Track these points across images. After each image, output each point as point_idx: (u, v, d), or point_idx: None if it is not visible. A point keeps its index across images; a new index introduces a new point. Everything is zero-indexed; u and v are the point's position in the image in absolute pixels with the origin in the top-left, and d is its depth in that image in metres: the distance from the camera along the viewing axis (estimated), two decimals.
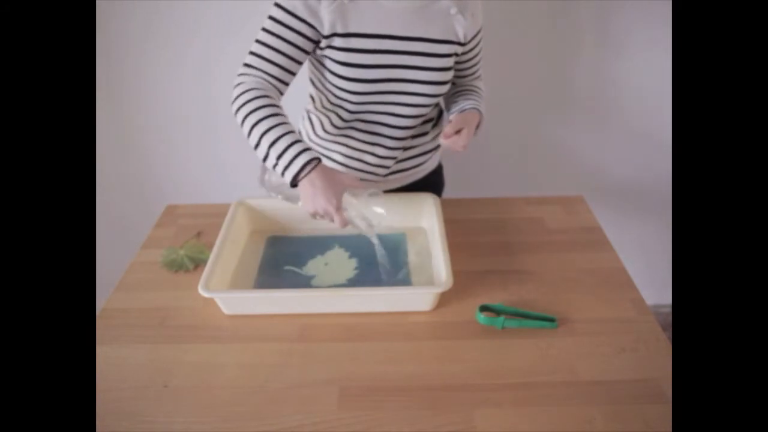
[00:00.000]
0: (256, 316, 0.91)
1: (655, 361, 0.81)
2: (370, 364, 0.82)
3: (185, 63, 1.47)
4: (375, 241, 0.94)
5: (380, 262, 0.96)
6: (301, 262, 1.02)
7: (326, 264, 1.02)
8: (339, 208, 0.85)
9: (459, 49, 1.00)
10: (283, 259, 1.03)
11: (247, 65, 0.92)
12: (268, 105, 0.88)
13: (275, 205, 1.09)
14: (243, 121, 0.88)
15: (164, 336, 0.88)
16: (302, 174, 0.85)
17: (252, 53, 0.92)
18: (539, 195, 1.23)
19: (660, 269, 1.86)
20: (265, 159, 0.87)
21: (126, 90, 1.52)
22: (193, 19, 1.40)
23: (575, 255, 1.04)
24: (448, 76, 1.00)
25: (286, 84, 0.95)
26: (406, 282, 0.97)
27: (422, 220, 1.10)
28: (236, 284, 0.97)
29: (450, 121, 0.98)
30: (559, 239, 1.08)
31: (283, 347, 0.85)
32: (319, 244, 1.06)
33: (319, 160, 0.86)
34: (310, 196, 0.85)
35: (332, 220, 0.86)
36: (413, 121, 1.04)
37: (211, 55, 1.46)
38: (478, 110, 1.04)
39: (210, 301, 0.91)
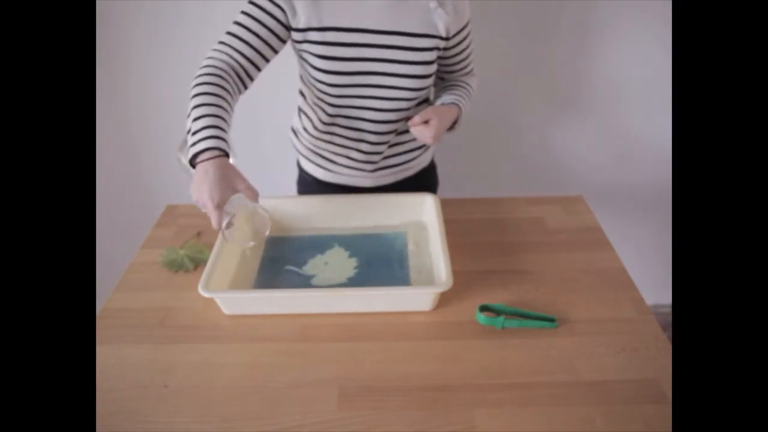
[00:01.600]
0: (256, 316, 0.91)
1: (655, 361, 0.81)
2: (370, 364, 0.82)
3: (186, 63, 1.46)
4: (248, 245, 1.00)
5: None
6: (301, 262, 1.02)
7: (326, 264, 1.02)
8: (217, 207, 0.80)
9: (441, 44, 0.99)
10: (283, 259, 1.03)
11: (221, 42, 0.95)
12: (219, 85, 0.89)
13: (275, 205, 1.09)
14: (191, 89, 0.89)
15: (164, 336, 0.88)
16: (201, 157, 0.82)
17: (228, 33, 0.94)
18: (539, 195, 1.23)
19: (660, 269, 1.86)
20: (188, 132, 0.87)
21: (126, 90, 1.52)
22: (195, 18, 1.40)
23: (575, 255, 1.04)
24: (430, 70, 1.00)
25: (256, 67, 0.96)
26: (405, 282, 0.97)
27: (422, 220, 1.10)
28: (236, 284, 0.97)
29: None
30: (559, 239, 1.08)
31: (283, 347, 0.85)
32: (319, 244, 1.06)
33: (226, 154, 0.84)
34: (197, 183, 0.82)
35: (207, 214, 0.82)
36: (395, 115, 1.04)
37: None
38: (457, 105, 1.04)
39: (210, 301, 0.91)
